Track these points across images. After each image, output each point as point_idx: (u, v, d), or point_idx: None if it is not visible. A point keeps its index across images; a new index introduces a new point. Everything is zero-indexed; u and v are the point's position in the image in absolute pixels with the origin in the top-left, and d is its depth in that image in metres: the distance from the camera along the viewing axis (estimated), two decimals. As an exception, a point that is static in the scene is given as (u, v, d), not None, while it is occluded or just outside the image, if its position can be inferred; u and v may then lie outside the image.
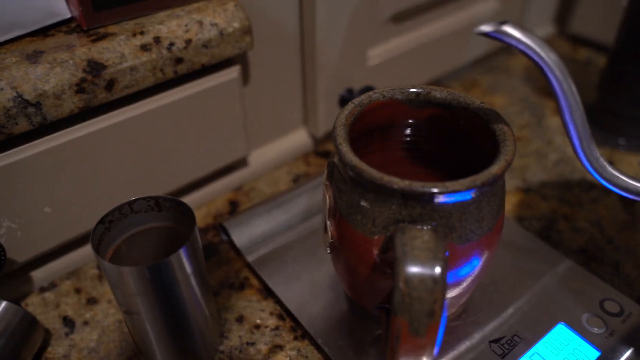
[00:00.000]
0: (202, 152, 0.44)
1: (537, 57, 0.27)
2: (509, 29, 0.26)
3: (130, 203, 0.32)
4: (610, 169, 0.30)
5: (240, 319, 0.38)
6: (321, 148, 0.55)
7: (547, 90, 0.64)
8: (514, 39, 0.26)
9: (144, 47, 0.36)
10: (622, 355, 0.35)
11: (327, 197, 0.33)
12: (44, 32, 0.36)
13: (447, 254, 0.29)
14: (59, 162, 0.36)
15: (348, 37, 0.49)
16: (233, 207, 0.48)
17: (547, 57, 0.27)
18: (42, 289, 0.41)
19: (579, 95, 0.28)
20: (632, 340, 0.35)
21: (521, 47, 0.27)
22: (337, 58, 0.49)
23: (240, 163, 0.50)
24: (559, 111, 0.28)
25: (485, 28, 0.27)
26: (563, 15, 0.75)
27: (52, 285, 0.41)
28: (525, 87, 0.64)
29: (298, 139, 0.54)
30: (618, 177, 0.30)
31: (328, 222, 0.33)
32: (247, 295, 0.40)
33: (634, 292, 0.40)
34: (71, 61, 0.33)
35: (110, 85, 0.35)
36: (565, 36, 0.75)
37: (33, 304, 0.40)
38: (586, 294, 0.38)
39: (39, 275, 0.40)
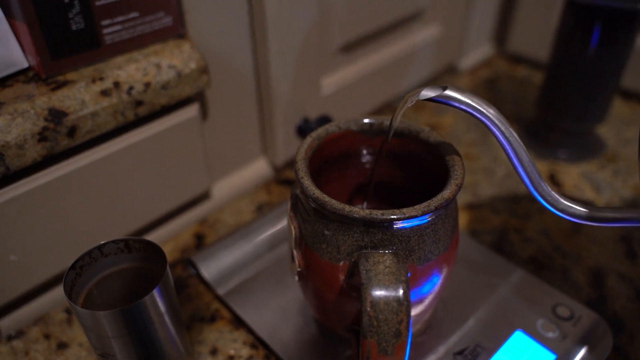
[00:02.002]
0: (165, 189, 0.45)
1: (479, 114, 0.30)
2: (450, 93, 0.29)
3: (100, 247, 0.32)
4: (562, 200, 0.32)
5: (214, 352, 0.39)
6: (282, 176, 0.57)
7: (491, 108, 0.67)
8: (456, 101, 0.29)
9: (104, 93, 0.37)
10: (576, 356, 0.37)
11: (292, 227, 0.34)
12: (1, 83, 0.36)
13: (409, 275, 0.31)
14: (23, 210, 0.36)
15: (301, 68, 0.51)
16: (199, 240, 0.49)
17: (488, 112, 0.30)
18: (10, 338, 0.40)
19: (520, 141, 0.30)
20: (583, 342, 0.38)
21: (463, 107, 0.30)
22: (291, 89, 0.51)
23: (203, 196, 0.51)
24: (507, 157, 0.31)
25: (429, 93, 0.30)
26: (501, 35, 0.79)
27: (19, 333, 0.40)
28: (470, 106, 0.68)
29: (258, 168, 0.55)
30: (571, 206, 0.32)
31: (294, 252, 0.34)
32: (219, 327, 0.41)
33: (582, 295, 0.43)
34: (32, 111, 0.34)
35: (72, 131, 0.36)
36: (504, 55, 0.80)
37: (1, 353, 0.39)
38: (539, 301, 0.41)
39: (5, 323, 0.40)
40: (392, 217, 0.29)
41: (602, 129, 0.62)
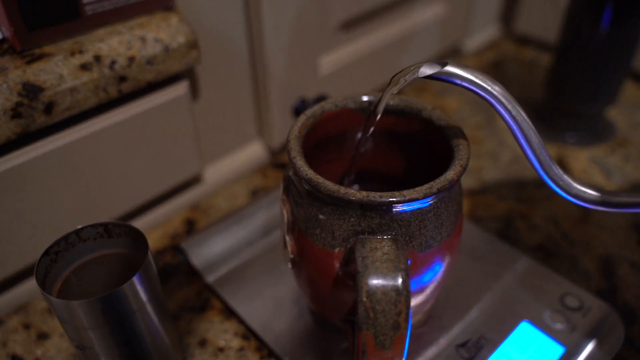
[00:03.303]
0: (153, 172, 0.43)
1: (483, 92, 0.27)
2: (452, 69, 0.27)
3: (77, 232, 0.30)
4: (576, 184, 0.29)
5: (203, 343, 0.37)
6: (278, 159, 0.55)
7: (496, 90, 0.65)
8: (458, 78, 0.27)
9: (84, 67, 0.34)
10: (585, 349, 0.35)
11: (285, 211, 0.32)
12: (-26, 55, 0.34)
13: (409, 262, 0.29)
14: (-2, 192, 0.34)
15: (298, 46, 0.49)
16: (190, 226, 0.47)
17: (493, 90, 0.27)
18: (-12, 327, 0.38)
19: (529, 120, 0.28)
20: (593, 334, 0.36)
21: (465, 84, 0.27)
22: (288, 68, 0.49)
23: (195, 180, 0.49)
24: (514, 138, 0.29)
25: (428, 70, 0.27)
26: (508, 16, 0.77)
27: (-2, 323, 0.38)
28: (475, 89, 0.65)
29: (254, 151, 0.53)
30: (585, 191, 0.29)
31: (287, 237, 0.32)
32: (209, 316, 0.39)
33: (592, 285, 0.41)
34: (5, 85, 0.32)
35: (49, 108, 0.33)
36: (510, 37, 0.77)
37: (-22, 344, 0.37)
38: (547, 291, 0.39)
39: (-17, 313, 0.38)
40: (392, 199, 0.26)
41: (612, 112, 0.60)
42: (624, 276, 0.41)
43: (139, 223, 0.45)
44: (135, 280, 0.28)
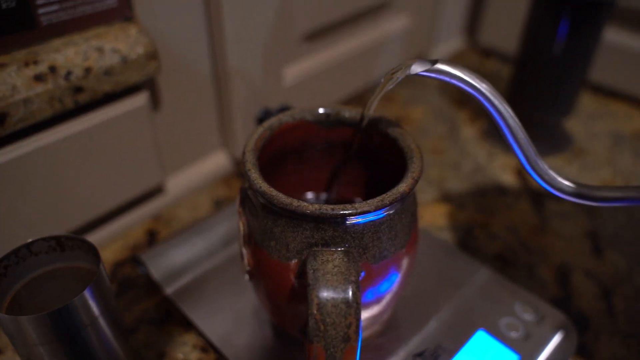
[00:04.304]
0: (112, 183, 0.42)
1: (471, 89, 0.28)
2: (442, 67, 0.27)
3: (27, 245, 0.30)
4: (560, 179, 0.30)
5: (161, 356, 0.37)
6: (242, 169, 0.54)
7: (461, 101, 0.66)
8: (447, 75, 0.27)
9: (38, 77, 0.34)
10: (539, 356, 0.36)
11: (241, 224, 0.32)
12: None
13: (363, 274, 0.29)
14: (-53, 205, 0.33)
15: (261, 56, 0.49)
16: (152, 237, 0.46)
17: (480, 87, 0.28)
18: (-62, 344, 0.37)
19: (515, 116, 0.29)
20: (547, 342, 0.37)
21: (454, 81, 0.28)
22: (251, 78, 0.49)
23: (157, 190, 0.48)
24: (502, 135, 0.29)
25: (418, 68, 0.27)
26: (472, 28, 0.78)
27: (-52, 339, 0.37)
28: (440, 99, 0.66)
29: (217, 161, 0.53)
30: (568, 185, 0.30)
31: (244, 250, 0.32)
32: (168, 329, 0.38)
33: (548, 292, 0.41)
34: (-46, 96, 0.31)
35: (1, 119, 0.33)
36: (475, 48, 0.78)
37: None
38: (503, 300, 0.39)
39: None
40: (344, 212, 0.27)
41: (569, 122, 0.61)
42: (578, 284, 0.42)
43: (99, 235, 0.44)
44: (87, 293, 0.28)
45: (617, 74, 0.65)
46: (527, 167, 0.30)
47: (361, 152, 0.36)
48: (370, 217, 0.28)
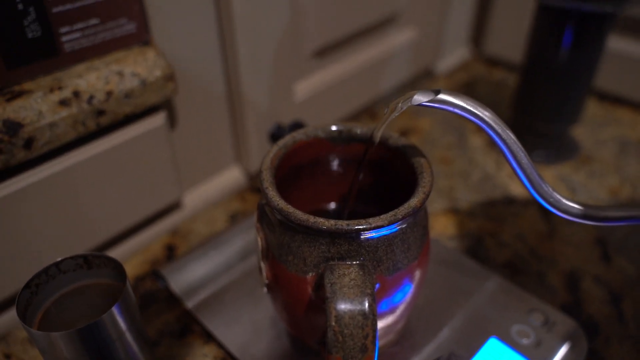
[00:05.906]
0: (132, 200, 0.44)
1: (474, 117, 0.29)
2: (444, 97, 0.28)
3: (57, 264, 0.31)
4: (565, 201, 0.31)
5: (182, 368, 0.38)
6: (256, 184, 0.56)
7: (467, 111, 0.67)
8: (450, 105, 0.28)
9: (63, 102, 0.36)
10: (550, 362, 0.37)
11: (259, 239, 0.33)
12: (-46, 93, 0.35)
13: (377, 286, 0.30)
14: (-21, 226, 0.35)
15: (273, 73, 0.50)
16: (170, 252, 0.48)
17: (483, 115, 0.29)
18: (-31, 359, 0.39)
19: (518, 142, 0.30)
20: (558, 348, 0.37)
21: (457, 110, 0.29)
22: (264, 95, 0.50)
23: (174, 206, 0.50)
24: (506, 160, 0.30)
25: (421, 98, 0.28)
26: (477, 38, 0.79)
27: (-21, 354, 0.39)
28: (447, 109, 0.68)
29: (232, 176, 0.54)
30: (573, 207, 0.31)
31: (262, 264, 0.33)
32: (188, 341, 0.40)
33: (558, 299, 0.42)
34: (-15, 123, 0.33)
35: (28, 143, 0.34)
36: (480, 58, 0.80)
37: (-41, 375, 0.38)
38: (514, 307, 0.40)
39: (-36, 344, 0.39)
40: (358, 227, 0.28)
41: (576, 130, 0.62)
42: (588, 290, 0.43)
43: (120, 250, 0.46)
44: (114, 310, 0.29)
45: (623, 81, 0.66)
46: (532, 191, 0.31)
47: (372, 166, 0.38)
48: (384, 231, 0.29)
